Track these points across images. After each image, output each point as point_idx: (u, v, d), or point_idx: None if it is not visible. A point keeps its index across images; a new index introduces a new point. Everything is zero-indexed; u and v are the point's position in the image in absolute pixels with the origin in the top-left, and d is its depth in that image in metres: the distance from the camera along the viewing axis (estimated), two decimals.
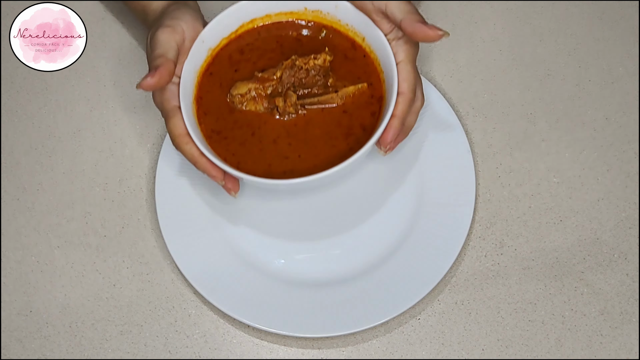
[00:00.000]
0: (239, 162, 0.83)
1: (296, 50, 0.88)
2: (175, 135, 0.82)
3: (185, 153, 0.82)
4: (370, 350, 0.87)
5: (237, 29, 0.88)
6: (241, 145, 0.84)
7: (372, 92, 0.85)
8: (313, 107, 0.85)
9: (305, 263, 0.89)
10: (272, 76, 0.85)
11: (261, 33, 0.89)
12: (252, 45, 0.89)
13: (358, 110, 0.85)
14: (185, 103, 0.82)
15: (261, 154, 0.84)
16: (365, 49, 0.87)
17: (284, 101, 0.84)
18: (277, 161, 0.83)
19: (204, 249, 0.89)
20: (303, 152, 0.84)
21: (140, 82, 0.79)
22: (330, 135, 0.84)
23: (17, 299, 0.90)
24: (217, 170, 0.82)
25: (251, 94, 0.85)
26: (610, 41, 1.01)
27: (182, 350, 0.87)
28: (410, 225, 0.90)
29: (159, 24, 0.83)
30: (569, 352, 0.86)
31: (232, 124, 0.85)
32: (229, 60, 0.88)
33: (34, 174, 0.96)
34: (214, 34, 0.87)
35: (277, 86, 0.85)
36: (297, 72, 0.86)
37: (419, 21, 0.79)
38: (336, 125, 0.84)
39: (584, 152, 0.95)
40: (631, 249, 0.90)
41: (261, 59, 0.88)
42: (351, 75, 0.87)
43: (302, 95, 0.86)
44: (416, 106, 0.84)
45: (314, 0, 0.88)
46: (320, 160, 0.83)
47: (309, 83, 0.86)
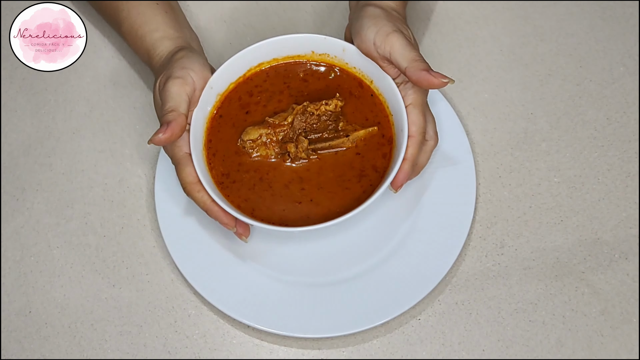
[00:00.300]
0: (253, 208, 0.84)
1: (303, 90, 0.89)
2: (186, 183, 0.82)
3: (197, 201, 0.83)
4: (370, 350, 0.86)
5: (245, 72, 0.89)
6: (251, 190, 0.85)
7: (382, 132, 0.86)
8: (324, 152, 0.86)
9: (305, 263, 0.89)
10: (283, 121, 0.86)
11: (269, 74, 0.90)
12: (261, 88, 0.90)
13: (370, 152, 0.86)
14: (195, 150, 0.83)
15: (274, 200, 0.84)
16: (374, 90, 0.88)
17: (296, 147, 0.85)
18: (290, 207, 0.84)
19: (204, 249, 0.89)
20: (316, 197, 0.85)
21: (152, 137, 0.80)
22: (343, 177, 0.85)
23: (16, 300, 0.90)
24: (229, 218, 0.82)
25: (262, 139, 0.86)
26: (611, 41, 1.01)
27: (181, 351, 0.87)
28: (411, 225, 0.89)
29: (168, 74, 0.83)
30: (569, 353, 0.86)
31: (238, 166, 0.86)
32: (239, 101, 0.89)
33: (33, 174, 0.95)
34: (222, 80, 0.88)
35: (288, 131, 0.86)
36: (308, 118, 0.86)
37: (423, 69, 0.79)
38: (349, 168, 0.85)
39: (585, 151, 0.95)
40: (632, 249, 0.90)
41: (271, 102, 0.89)
42: (359, 114, 0.88)
43: (313, 140, 0.86)
44: (429, 145, 0.85)
45: (323, 37, 0.89)
46: (335, 205, 0.84)
47: (320, 128, 0.87)
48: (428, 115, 0.85)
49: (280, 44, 0.88)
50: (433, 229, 0.89)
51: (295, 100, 0.88)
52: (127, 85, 1.00)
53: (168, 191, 0.91)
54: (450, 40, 1.02)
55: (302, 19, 1.03)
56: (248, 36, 1.02)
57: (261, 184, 0.85)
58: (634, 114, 0.96)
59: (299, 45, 0.89)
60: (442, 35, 1.02)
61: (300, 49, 0.89)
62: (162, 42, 0.88)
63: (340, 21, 1.03)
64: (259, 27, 1.03)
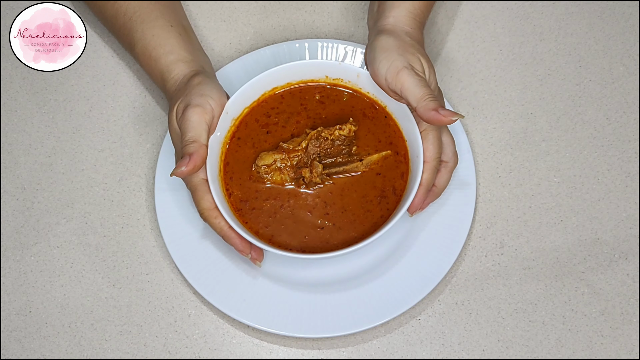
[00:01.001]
0: (272, 235, 0.85)
1: (320, 112, 0.90)
2: (203, 209, 0.83)
3: (214, 227, 0.83)
4: (370, 350, 0.86)
5: (259, 97, 0.90)
6: (272, 217, 0.85)
7: (396, 150, 0.87)
8: (339, 177, 0.87)
9: (305, 263, 0.89)
10: (297, 146, 0.87)
11: (284, 96, 0.91)
12: (278, 109, 0.90)
13: (389, 172, 0.87)
14: (212, 176, 0.84)
15: (296, 227, 0.85)
16: (388, 112, 0.89)
17: (310, 172, 0.86)
18: (313, 233, 0.85)
19: (204, 249, 0.89)
20: (339, 221, 0.85)
21: (174, 170, 0.80)
22: (366, 199, 0.86)
23: (17, 299, 0.90)
24: (245, 245, 0.83)
25: (277, 164, 0.86)
26: (611, 40, 1.01)
27: (181, 351, 0.87)
28: (411, 225, 0.89)
29: (187, 102, 0.83)
30: (569, 353, 0.86)
31: (256, 193, 0.86)
32: (256, 123, 0.89)
33: (34, 173, 0.95)
34: (237, 105, 0.88)
35: (302, 157, 0.86)
36: (322, 143, 0.87)
37: (432, 109, 0.80)
38: (371, 188, 0.86)
39: (584, 151, 0.95)
40: (631, 249, 0.90)
41: (289, 122, 0.89)
42: (372, 135, 0.88)
43: (327, 164, 0.87)
44: (449, 167, 0.86)
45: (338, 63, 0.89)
46: (355, 229, 0.85)
47: (333, 153, 0.87)
48: (446, 136, 0.86)
49: (295, 69, 0.89)
50: (433, 229, 0.89)
51: (313, 121, 0.89)
52: (127, 84, 1.00)
53: (168, 191, 0.91)
54: (449, 40, 1.02)
55: (302, 19, 1.03)
56: (248, 36, 1.02)
57: (282, 212, 0.86)
58: (633, 114, 0.96)
59: (313, 70, 0.90)
60: (442, 34, 1.02)
61: (314, 74, 0.90)
62: (177, 65, 0.88)
63: (340, 21, 1.03)
64: (258, 27, 1.03)
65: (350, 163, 0.87)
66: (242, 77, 0.94)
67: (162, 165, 0.92)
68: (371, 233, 0.83)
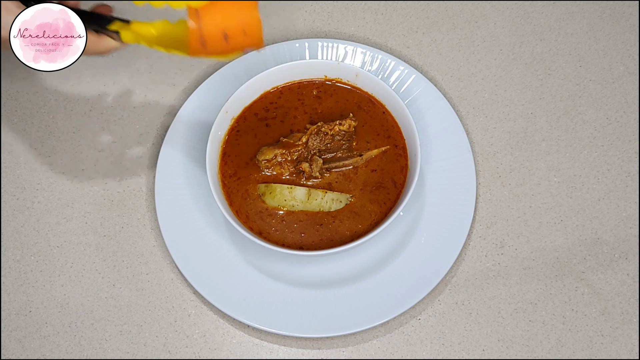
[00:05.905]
0: (269, 232, 0.87)
1: (316, 108, 0.91)
2: None
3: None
4: (370, 350, 0.86)
5: (259, 96, 0.92)
6: (271, 215, 0.87)
7: (394, 143, 0.89)
8: (338, 171, 0.88)
9: (305, 263, 0.89)
10: (297, 141, 0.88)
11: (283, 92, 0.92)
12: (276, 104, 0.92)
13: (389, 165, 0.88)
14: (212, 173, 0.86)
15: (297, 225, 0.87)
16: (386, 108, 0.90)
17: (310, 166, 0.87)
18: (311, 230, 0.87)
19: (204, 249, 0.89)
20: (337, 217, 0.86)
21: None
22: (365, 194, 0.87)
23: (17, 299, 0.90)
24: None
25: (277, 159, 0.87)
26: (611, 40, 1.01)
27: (181, 350, 0.87)
28: (411, 225, 0.89)
29: None
30: (569, 353, 0.86)
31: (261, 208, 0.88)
32: (255, 116, 0.91)
33: (34, 173, 0.95)
34: (237, 104, 0.90)
35: (303, 151, 0.88)
36: (322, 138, 0.88)
37: None
38: (371, 183, 0.88)
39: (585, 151, 0.95)
40: (631, 249, 0.90)
41: (287, 117, 0.91)
42: (370, 128, 0.90)
43: (327, 159, 0.88)
44: None
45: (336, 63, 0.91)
46: (354, 224, 0.86)
47: (334, 148, 0.89)
48: None
49: (293, 69, 0.91)
50: (433, 229, 0.89)
51: (310, 116, 0.90)
52: (126, 84, 1.00)
53: (168, 191, 0.91)
54: (449, 40, 1.02)
55: (302, 19, 1.03)
56: None
57: (282, 215, 0.87)
58: (633, 113, 0.96)
59: (312, 70, 0.91)
60: (442, 34, 1.02)
61: (313, 74, 0.91)
62: None
63: (340, 21, 1.03)
64: None
65: (350, 158, 0.88)
66: (242, 76, 0.94)
67: (162, 165, 0.92)
68: (371, 229, 0.83)
